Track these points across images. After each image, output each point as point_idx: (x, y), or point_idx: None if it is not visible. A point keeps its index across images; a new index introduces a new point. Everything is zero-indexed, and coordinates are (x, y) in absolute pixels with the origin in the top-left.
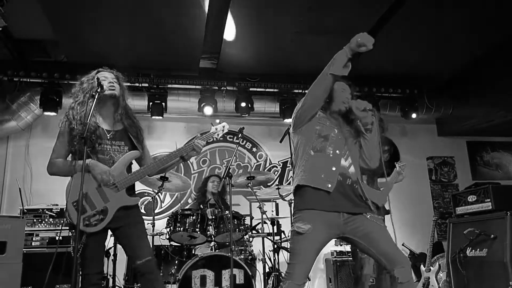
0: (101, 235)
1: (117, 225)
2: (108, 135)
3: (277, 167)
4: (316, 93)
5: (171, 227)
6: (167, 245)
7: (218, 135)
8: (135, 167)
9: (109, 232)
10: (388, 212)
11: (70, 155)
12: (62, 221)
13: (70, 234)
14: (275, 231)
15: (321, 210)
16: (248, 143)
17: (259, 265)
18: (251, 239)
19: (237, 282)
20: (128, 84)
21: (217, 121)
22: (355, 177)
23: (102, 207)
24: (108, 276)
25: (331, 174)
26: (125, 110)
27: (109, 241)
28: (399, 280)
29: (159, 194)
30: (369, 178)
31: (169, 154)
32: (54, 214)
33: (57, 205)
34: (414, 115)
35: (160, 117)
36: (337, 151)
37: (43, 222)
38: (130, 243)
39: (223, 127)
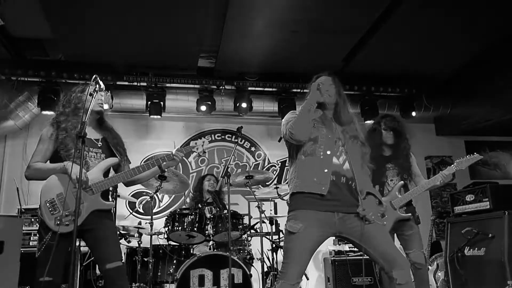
0: (68, 241)
1: (87, 227)
2: (86, 142)
3: (275, 167)
4: (300, 128)
5: (170, 227)
6: (166, 245)
7: (197, 149)
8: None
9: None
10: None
11: (48, 161)
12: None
13: (38, 233)
14: (274, 230)
15: (315, 210)
16: (246, 142)
17: (257, 265)
18: (249, 238)
19: (235, 281)
20: (126, 83)
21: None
22: (351, 174)
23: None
24: None
25: (324, 177)
26: (107, 124)
27: None
28: (398, 281)
29: (157, 193)
30: (404, 177)
31: (146, 163)
32: None
33: None
34: (414, 113)
35: (159, 116)
36: (328, 152)
37: None
38: (100, 246)
39: (203, 142)
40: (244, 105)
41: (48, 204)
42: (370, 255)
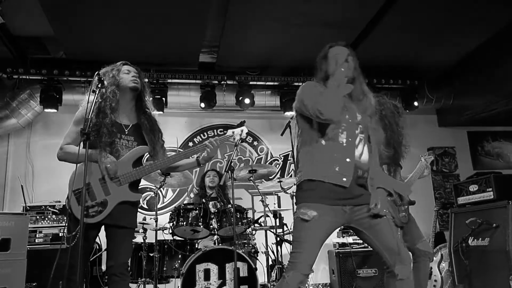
0: (94, 231)
1: (111, 222)
2: (115, 127)
3: (278, 161)
4: (329, 108)
5: (174, 222)
6: (170, 240)
7: (234, 139)
8: None
9: None
10: (412, 203)
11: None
12: (65, 218)
13: (67, 225)
14: (278, 224)
15: (329, 204)
16: (249, 137)
17: (262, 258)
18: (253, 232)
19: (241, 275)
20: None
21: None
22: (367, 166)
23: (102, 199)
24: None
25: (346, 167)
26: (144, 107)
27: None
28: (399, 276)
29: (161, 189)
30: (390, 167)
31: (178, 153)
32: (57, 211)
33: (59, 201)
34: (416, 104)
35: (161, 112)
36: (350, 139)
37: (46, 218)
38: (114, 245)
39: (241, 131)
40: (246, 99)
41: (76, 195)
42: (376, 247)
